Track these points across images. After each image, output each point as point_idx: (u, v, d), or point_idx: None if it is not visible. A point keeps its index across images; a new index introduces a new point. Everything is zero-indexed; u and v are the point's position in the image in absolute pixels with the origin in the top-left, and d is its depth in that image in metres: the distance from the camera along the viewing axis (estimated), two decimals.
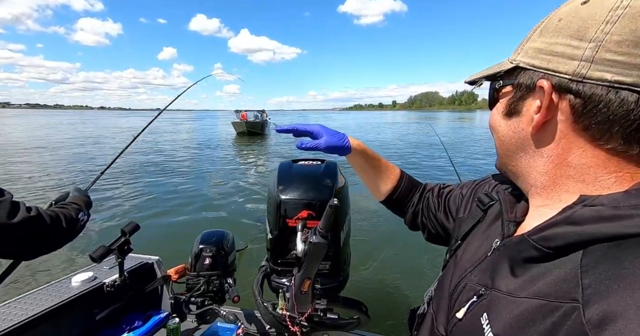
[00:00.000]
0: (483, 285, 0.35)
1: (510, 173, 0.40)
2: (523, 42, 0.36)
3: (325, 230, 0.76)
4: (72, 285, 1.16)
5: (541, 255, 0.29)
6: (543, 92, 0.32)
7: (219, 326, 1.17)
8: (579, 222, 0.28)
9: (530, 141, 0.35)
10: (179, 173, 7.95)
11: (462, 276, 0.40)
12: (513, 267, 0.32)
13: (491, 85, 0.39)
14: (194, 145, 15.21)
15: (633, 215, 0.25)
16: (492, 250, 0.38)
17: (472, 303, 0.35)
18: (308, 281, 0.86)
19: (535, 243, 0.30)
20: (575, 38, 0.30)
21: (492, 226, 0.44)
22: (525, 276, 0.30)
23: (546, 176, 0.35)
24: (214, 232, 1.48)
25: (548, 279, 0.28)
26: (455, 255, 0.47)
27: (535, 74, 0.33)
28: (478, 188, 0.57)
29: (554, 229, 0.29)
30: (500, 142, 0.39)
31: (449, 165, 7.82)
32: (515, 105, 0.36)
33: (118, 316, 1.21)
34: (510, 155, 0.38)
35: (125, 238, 1.12)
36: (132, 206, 5.14)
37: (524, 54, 0.35)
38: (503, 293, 0.31)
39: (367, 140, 18.09)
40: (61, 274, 1.26)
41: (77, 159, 10.02)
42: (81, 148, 13.04)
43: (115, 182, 6.63)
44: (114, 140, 15.76)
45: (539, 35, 0.34)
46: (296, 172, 1.29)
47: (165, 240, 3.67)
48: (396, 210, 0.74)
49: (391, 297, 2.65)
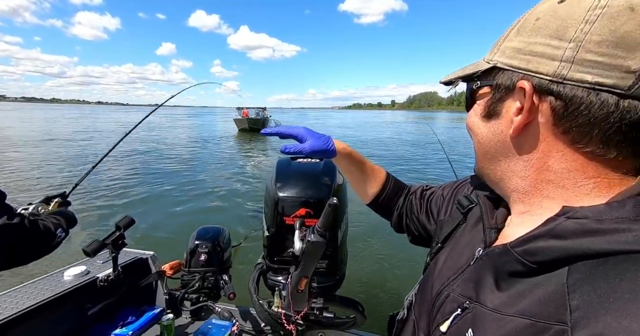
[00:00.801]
0: (467, 298, 0.34)
1: (489, 178, 0.39)
2: (499, 42, 0.35)
3: (324, 229, 0.76)
4: (64, 279, 1.14)
5: (526, 269, 0.28)
6: (523, 94, 0.31)
7: (214, 323, 1.16)
8: (563, 236, 0.27)
9: (510, 144, 0.34)
10: (177, 168, 7.90)
11: (445, 284, 0.39)
12: (498, 280, 0.31)
13: (468, 86, 0.38)
14: (195, 141, 15.32)
15: (617, 229, 0.25)
16: (474, 259, 0.37)
17: (456, 316, 0.34)
18: (305, 280, 0.85)
19: (519, 257, 0.29)
20: (554, 38, 0.29)
21: (472, 231, 0.43)
22: (511, 291, 0.29)
23: (527, 181, 0.34)
24: (210, 228, 1.47)
25: (534, 296, 0.27)
26: (437, 259, 0.46)
27: (514, 74, 0.32)
28: (458, 189, 0.57)
29: (537, 242, 0.28)
30: (480, 144, 0.38)
31: (446, 163, 7.88)
32: (494, 107, 0.35)
33: (111, 311, 1.20)
34: (489, 159, 0.37)
35: (120, 232, 1.10)
36: (127, 200, 5.10)
37: (500, 54, 0.34)
38: (489, 308, 0.30)
39: (366, 139, 18.17)
40: (52, 268, 1.24)
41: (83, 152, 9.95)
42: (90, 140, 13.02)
43: (112, 176, 6.57)
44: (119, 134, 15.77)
45: (516, 34, 0.33)
46: (294, 170, 1.28)
47: (160, 235, 3.65)
48: (383, 213, 0.74)
49: (387, 296, 2.66)
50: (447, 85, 0.41)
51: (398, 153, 12.22)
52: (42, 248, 0.84)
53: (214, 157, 10.37)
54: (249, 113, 20.17)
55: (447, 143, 14.90)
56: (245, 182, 6.84)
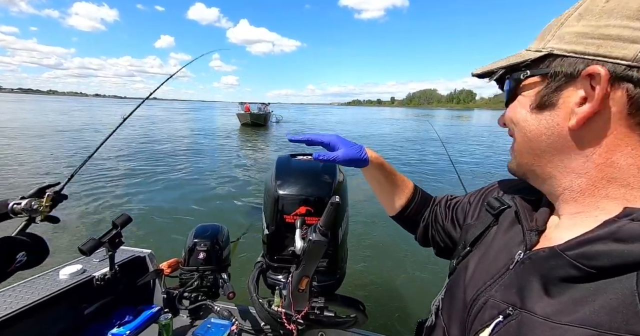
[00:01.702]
0: (510, 304, 0.32)
1: (535, 175, 0.36)
2: (551, 30, 0.33)
3: (326, 228, 0.74)
4: (59, 278, 1.12)
5: (582, 274, 0.26)
6: (591, 81, 0.28)
7: (213, 322, 1.15)
8: (626, 240, 0.25)
9: (569, 137, 0.31)
10: (175, 164, 7.86)
11: (481, 289, 0.36)
12: (546, 286, 0.29)
13: (512, 76, 0.35)
14: (196, 135, 15.36)
15: None
16: (514, 262, 0.35)
17: (497, 323, 0.31)
18: (306, 280, 0.84)
19: (573, 261, 0.27)
20: (635, 19, 0.27)
21: (507, 234, 0.41)
22: (564, 298, 0.27)
23: (584, 178, 0.31)
24: (208, 225, 1.45)
25: (595, 305, 0.25)
26: (466, 263, 0.44)
27: (578, 61, 0.29)
28: (487, 194, 0.54)
29: (595, 246, 0.26)
30: (527, 139, 0.35)
31: (447, 160, 7.85)
32: (549, 97, 0.32)
33: (108, 311, 1.18)
34: (538, 154, 0.34)
35: (117, 230, 1.08)
36: (123, 196, 5.07)
37: (558, 40, 0.31)
38: (539, 316, 0.28)
39: (367, 134, 18.19)
40: (47, 267, 1.21)
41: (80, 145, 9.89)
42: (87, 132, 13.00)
43: (109, 172, 6.52)
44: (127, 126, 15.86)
45: (577, 19, 0.30)
46: (295, 167, 1.26)
47: (157, 233, 3.62)
48: (408, 226, 0.71)
49: (388, 295, 2.66)
50: (481, 78, 0.39)
51: (397, 149, 12.25)
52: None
53: (215, 152, 10.33)
54: (251, 108, 20.51)
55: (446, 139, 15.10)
56: (244, 178, 6.82)
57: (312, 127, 23.68)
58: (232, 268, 1.45)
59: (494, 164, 9.34)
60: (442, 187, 6.36)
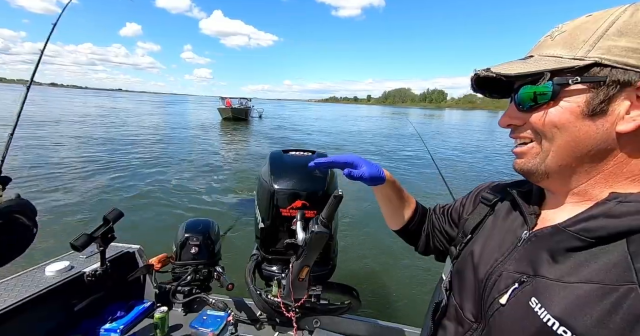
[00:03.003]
0: (523, 273, 0.37)
1: (561, 174, 0.38)
2: (584, 39, 0.35)
3: (327, 220, 0.79)
4: (45, 275, 1.08)
5: (583, 244, 0.33)
6: (638, 91, 0.32)
7: (209, 314, 1.17)
8: (617, 216, 0.32)
9: (615, 141, 0.34)
10: (155, 158, 7.54)
11: (494, 266, 0.42)
12: (554, 256, 0.35)
13: (556, 81, 0.35)
14: (179, 129, 14.93)
15: None
16: (521, 240, 0.41)
17: (514, 289, 0.37)
18: (307, 269, 0.88)
19: (576, 234, 0.33)
20: None
21: (507, 219, 0.47)
22: (569, 263, 0.33)
23: (603, 174, 0.36)
24: (199, 220, 1.45)
25: (596, 266, 0.31)
26: (471, 248, 0.50)
27: (629, 72, 0.33)
28: (479, 192, 0.60)
29: (593, 222, 0.33)
30: (573, 143, 0.36)
31: (426, 155, 8.13)
32: (603, 105, 0.34)
33: (99, 307, 1.16)
34: (580, 157, 0.36)
35: (109, 226, 1.06)
36: (106, 192, 4.80)
37: (604, 52, 0.33)
38: (551, 279, 0.34)
39: (344, 130, 18.41)
40: (31, 264, 1.17)
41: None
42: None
43: (90, 169, 6.12)
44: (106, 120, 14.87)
45: (617, 35, 0.33)
46: (289, 162, 1.29)
47: (144, 229, 3.50)
48: (410, 238, 0.74)
49: (379, 282, 2.79)
50: (507, 79, 0.38)
51: (376, 144, 12.53)
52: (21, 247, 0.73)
53: (195, 146, 10.04)
54: (232, 103, 20.76)
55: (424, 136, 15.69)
56: (227, 172, 6.70)
57: (293, 122, 23.62)
58: (224, 261, 1.47)
59: (469, 160, 9.87)
60: (424, 184, 6.63)
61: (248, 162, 7.95)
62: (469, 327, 0.44)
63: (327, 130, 19.42)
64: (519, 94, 0.39)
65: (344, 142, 13.60)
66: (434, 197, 5.55)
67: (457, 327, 0.47)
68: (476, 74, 0.40)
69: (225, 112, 20.33)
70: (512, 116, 0.41)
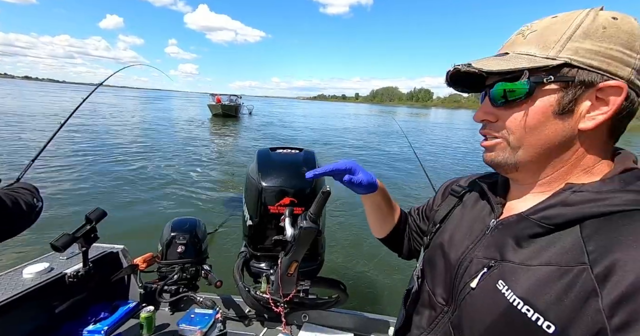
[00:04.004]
0: (491, 258, 0.40)
1: (528, 167, 0.41)
2: (555, 40, 0.36)
3: (316, 216, 0.80)
4: (23, 277, 1.04)
5: (544, 230, 0.36)
6: (597, 92, 0.35)
7: (197, 312, 1.16)
8: (572, 204, 0.35)
9: (576, 138, 0.37)
10: (144, 155, 7.28)
11: (465, 253, 0.45)
12: (518, 242, 0.38)
13: (533, 79, 0.37)
14: (166, 125, 14.56)
15: (611, 197, 0.34)
16: (489, 228, 0.44)
17: (483, 274, 0.40)
18: (295, 264, 0.90)
19: (538, 222, 0.37)
20: (627, 48, 0.35)
21: (474, 209, 0.51)
22: (531, 248, 0.37)
23: (566, 167, 0.39)
24: (185, 219, 1.43)
25: (554, 249, 0.35)
26: (441, 237, 0.53)
27: (592, 74, 0.35)
28: (447, 187, 0.64)
29: (551, 210, 0.36)
30: (543, 141, 0.38)
31: (410, 150, 8.27)
32: (571, 105, 0.36)
33: (82, 308, 1.13)
34: (547, 152, 0.39)
35: (91, 225, 1.04)
36: (88, 191, 4.61)
37: (572, 53, 0.35)
38: (516, 263, 0.37)
39: (332, 127, 18.50)
40: (4, 267, 1.12)
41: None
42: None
43: (73, 165, 5.84)
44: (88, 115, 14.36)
45: (583, 37, 0.35)
46: (276, 160, 1.30)
47: (128, 228, 3.40)
48: (394, 244, 0.75)
49: (363, 275, 2.85)
50: (488, 75, 0.38)
51: (362, 140, 12.67)
52: (25, 222, 0.81)
53: (184, 142, 9.80)
54: (222, 100, 20.74)
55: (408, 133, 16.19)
56: (216, 169, 6.59)
57: (282, 120, 23.53)
58: (210, 259, 1.46)
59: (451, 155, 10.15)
60: (407, 178, 6.77)
61: (237, 159, 7.85)
62: (441, 310, 0.47)
63: (315, 126, 19.52)
64: (493, 90, 0.40)
65: (331, 137, 13.71)
66: (418, 190, 5.70)
67: (430, 312, 0.49)
68: (456, 69, 0.40)
69: (215, 108, 20.32)
70: (487, 111, 0.42)
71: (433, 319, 0.48)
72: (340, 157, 9.04)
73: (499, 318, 0.36)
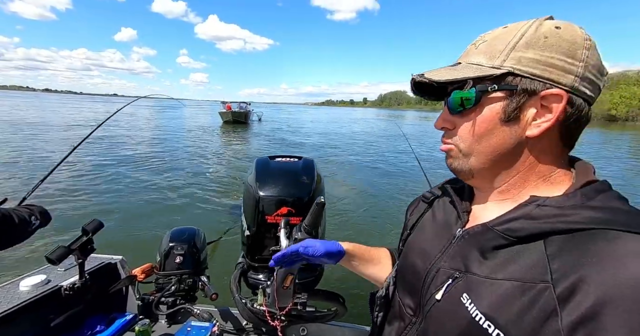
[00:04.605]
0: (456, 270, 0.40)
1: (483, 174, 0.42)
2: (500, 50, 0.37)
3: (311, 227, 0.78)
4: (20, 290, 1.04)
5: (508, 242, 0.36)
6: (542, 99, 0.36)
7: (193, 325, 1.14)
8: (536, 218, 0.35)
9: (524, 145, 0.38)
10: (146, 165, 7.36)
11: (433, 262, 0.44)
12: (483, 253, 0.38)
13: (478, 88, 0.38)
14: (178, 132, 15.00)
15: (572, 214, 0.33)
16: (455, 238, 0.43)
17: (448, 285, 0.40)
18: (290, 277, 0.87)
19: (502, 234, 0.36)
20: (568, 56, 0.35)
21: (444, 214, 0.50)
22: (496, 260, 0.36)
23: (521, 174, 0.40)
24: (184, 228, 1.42)
25: (518, 264, 0.34)
26: (410, 244, 0.52)
27: (535, 82, 0.36)
28: (422, 195, 0.60)
29: (515, 223, 0.36)
30: (492, 148, 0.39)
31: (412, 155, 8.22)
32: (516, 112, 0.37)
33: (78, 321, 1.12)
34: (497, 159, 0.40)
35: (88, 237, 1.03)
36: (87, 201, 4.67)
37: (515, 62, 0.36)
38: (480, 276, 0.37)
39: (339, 132, 18.59)
40: (2, 279, 1.12)
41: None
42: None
43: (74, 175, 5.94)
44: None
45: (525, 47, 0.36)
46: (275, 169, 1.29)
47: (127, 238, 3.41)
48: None
49: (365, 287, 2.77)
50: (438, 84, 0.40)
51: (367, 144, 12.66)
52: (17, 235, 0.85)
53: (192, 149, 9.95)
54: (232, 107, 21.72)
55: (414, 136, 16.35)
56: (221, 177, 6.61)
57: (291, 126, 23.90)
58: (210, 270, 1.44)
59: None
60: (409, 181, 6.69)
61: (246, 165, 7.90)
62: (409, 321, 0.46)
63: (323, 131, 19.73)
64: (449, 98, 0.41)
65: (338, 142, 13.81)
66: None
67: (400, 322, 0.49)
68: (412, 78, 0.42)
69: (225, 115, 21.17)
70: (446, 119, 0.43)
71: (402, 330, 0.47)
72: (345, 163, 8.99)
73: (462, 333, 0.36)
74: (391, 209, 4.84)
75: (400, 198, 5.45)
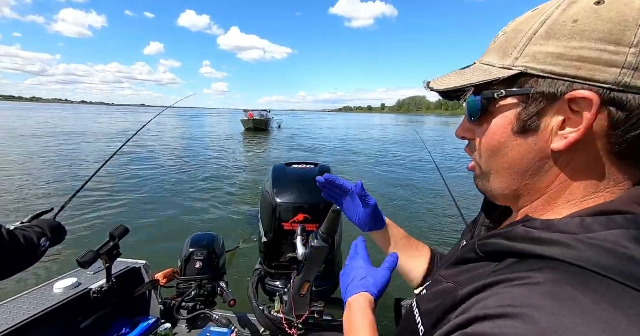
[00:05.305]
0: (439, 274, 0.41)
1: (505, 198, 0.36)
2: (514, 45, 0.31)
3: (327, 234, 0.77)
4: (54, 292, 1.10)
5: (476, 257, 0.34)
6: (571, 104, 0.27)
7: (212, 331, 1.15)
8: (511, 238, 0.30)
9: (549, 160, 0.30)
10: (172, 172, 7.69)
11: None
12: (457, 262, 0.37)
13: (482, 95, 0.32)
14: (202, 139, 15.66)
15: (547, 241, 0.27)
16: (460, 248, 0.44)
17: (428, 283, 0.43)
18: (307, 285, 0.87)
19: (476, 248, 0.34)
20: (610, 42, 0.26)
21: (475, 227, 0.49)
22: (460, 268, 0.36)
23: (546, 197, 0.32)
24: (204, 235, 1.46)
25: (469, 274, 0.34)
26: None
27: (556, 83, 0.28)
28: None
29: (492, 239, 0.32)
30: (508, 165, 0.33)
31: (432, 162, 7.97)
32: (533, 121, 0.30)
33: (105, 324, 1.16)
34: (516, 179, 0.33)
35: (115, 242, 1.08)
36: (113, 207, 4.92)
37: (530, 59, 0.29)
38: (440, 277, 0.39)
39: (356, 138, 18.58)
40: (39, 281, 1.20)
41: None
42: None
43: (103, 182, 6.31)
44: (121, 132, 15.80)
45: (545, 38, 0.29)
46: (291, 176, 1.29)
47: (150, 244, 3.54)
48: None
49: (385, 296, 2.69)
50: (445, 95, 0.36)
51: (384, 150, 12.51)
52: (23, 261, 0.78)
53: (216, 156, 10.27)
54: (253, 115, 22.65)
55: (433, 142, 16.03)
56: (243, 184, 6.76)
57: (309, 132, 24.51)
58: (228, 276, 1.46)
59: None
60: (429, 189, 6.51)
61: (264, 171, 8.04)
62: None
63: (341, 137, 19.90)
64: (465, 105, 0.35)
65: (355, 148, 13.80)
66: (440, 204, 5.43)
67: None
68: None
69: (247, 123, 21.99)
70: (465, 127, 0.38)
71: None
72: (362, 169, 8.92)
73: (406, 318, 0.41)
74: (413, 218, 4.72)
75: (420, 204, 5.31)
